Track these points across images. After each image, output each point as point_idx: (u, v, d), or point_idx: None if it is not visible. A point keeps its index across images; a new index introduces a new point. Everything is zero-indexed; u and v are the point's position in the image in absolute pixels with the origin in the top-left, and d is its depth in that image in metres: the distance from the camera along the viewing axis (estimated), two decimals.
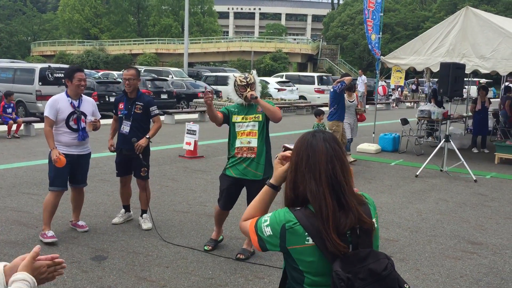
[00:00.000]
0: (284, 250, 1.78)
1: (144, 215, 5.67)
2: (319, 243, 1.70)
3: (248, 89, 4.60)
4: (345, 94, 9.28)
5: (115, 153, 5.65)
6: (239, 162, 4.69)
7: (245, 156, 4.66)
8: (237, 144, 4.69)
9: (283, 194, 1.88)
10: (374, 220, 1.83)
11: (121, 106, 5.48)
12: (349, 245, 1.72)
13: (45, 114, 5.02)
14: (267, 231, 1.79)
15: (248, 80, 4.62)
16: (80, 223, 5.47)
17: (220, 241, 5.16)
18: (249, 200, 4.81)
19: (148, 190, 5.65)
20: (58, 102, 5.04)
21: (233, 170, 4.72)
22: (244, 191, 4.88)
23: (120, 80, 20.40)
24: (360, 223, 1.75)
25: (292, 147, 1.98)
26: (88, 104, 5.23)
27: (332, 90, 9.05)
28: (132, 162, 5.52)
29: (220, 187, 4.89)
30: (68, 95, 5.11)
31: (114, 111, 5.63)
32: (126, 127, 5.43)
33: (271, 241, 1.79)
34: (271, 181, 1.94)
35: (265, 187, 1.96)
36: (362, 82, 21.03)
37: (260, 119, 4.68)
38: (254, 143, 4.65)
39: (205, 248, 5.02)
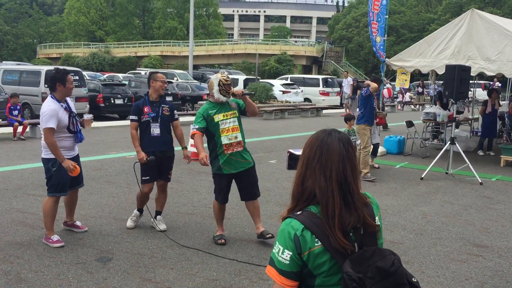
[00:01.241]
0: (301, 260, 1.75)
1: (158, 216, 5.71)
2: (325, 243, 1.71)
3: (232, 87, 5.03)
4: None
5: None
6: (230, 157, 4.99)
7: (235, 151, 4.99)
8: (224, 141, 4.96)
9: (289, 194, 1.89)
10: (377, 218, 1.84)
11: (146, 109, 5.40)
12: (354, 244, 1.73)
13: (49, 126, 4.77)
14: (285, 256, 1.75)
15: (230, 78, 5.05)
16: (78, 223, 5.50)
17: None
18: (244, 188, 5.17)
19: (166, 192, 5.75)
20: (58, 112, 4.87)
21: (229, 168, 5.03)
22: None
23: (126, 83, 20.50)
24: (364, 225, 1.76)
25: (297, 153, 2.00)
26: (71, 102, 5.20)
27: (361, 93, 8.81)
28: (161, 165, 5.54)
29: (218, 185, 5.18)
30: (58, 100, 4.95)
31: (135, 117, 5.39)
32: (156, 129, 5.42)
33: (294, 264, 1.74)
34: None
35: None
36: (348, 84, 21.05)
37: (237, 114, 5.11)
38: (239, 137, 5.04)
39: (222, 242, 5.19)
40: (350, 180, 1.78)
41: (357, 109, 9.16)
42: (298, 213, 1.78)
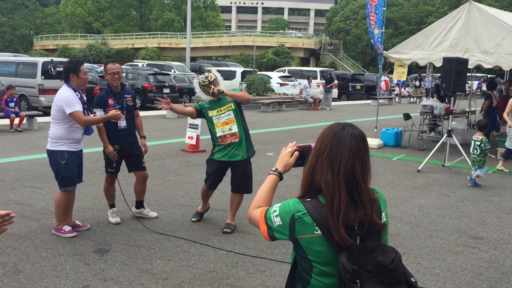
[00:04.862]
0: (293, 239, 1.80)
1: (145, 204, 5.77)
2: (326, 234, 1.72)
3: (212, 86, 5.10)
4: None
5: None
6: (225, 147, 5.22)
7: (229, 142, 5.19)
8: (219, 133, 5.21)
9: (300, 184, 1.90)
10: (383, 214, 1.84)
11: (110, 102, 5.30)
12: (356, 238, 1.74)
13: (75, 110, 4.72)
14: (277, 221, 1.82)
15: (209, 78, 5.11)
16: (78, 222, 5.30)
17: (206, 211, 5.75)
18: (234, 179, 5.34)
19: (146, 183, 5.75)
20: (75, 97, 4.82)
21: (221, 155, 5.25)
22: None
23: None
24: (370, 223, 1.76)
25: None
26: (83, 97, 5.17)
27: None
28: (131, 156, 5.52)
29: (207, 169, 5.42)
30: (73, 89, 4.93)
31: (101, 110, 5.26)
32: (122, 122, 5.35)
33: (281, 230, 1.81)
34: (280, 170, 2.02)
35: (272, 176, 2.02)
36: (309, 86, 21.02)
37: (233, 107, 5.22)
38: (235, 128, 5.20)
39: (192, 219, 5.62)
40: (358, 177, 1.75)
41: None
42: (308, 199, 1.80)
